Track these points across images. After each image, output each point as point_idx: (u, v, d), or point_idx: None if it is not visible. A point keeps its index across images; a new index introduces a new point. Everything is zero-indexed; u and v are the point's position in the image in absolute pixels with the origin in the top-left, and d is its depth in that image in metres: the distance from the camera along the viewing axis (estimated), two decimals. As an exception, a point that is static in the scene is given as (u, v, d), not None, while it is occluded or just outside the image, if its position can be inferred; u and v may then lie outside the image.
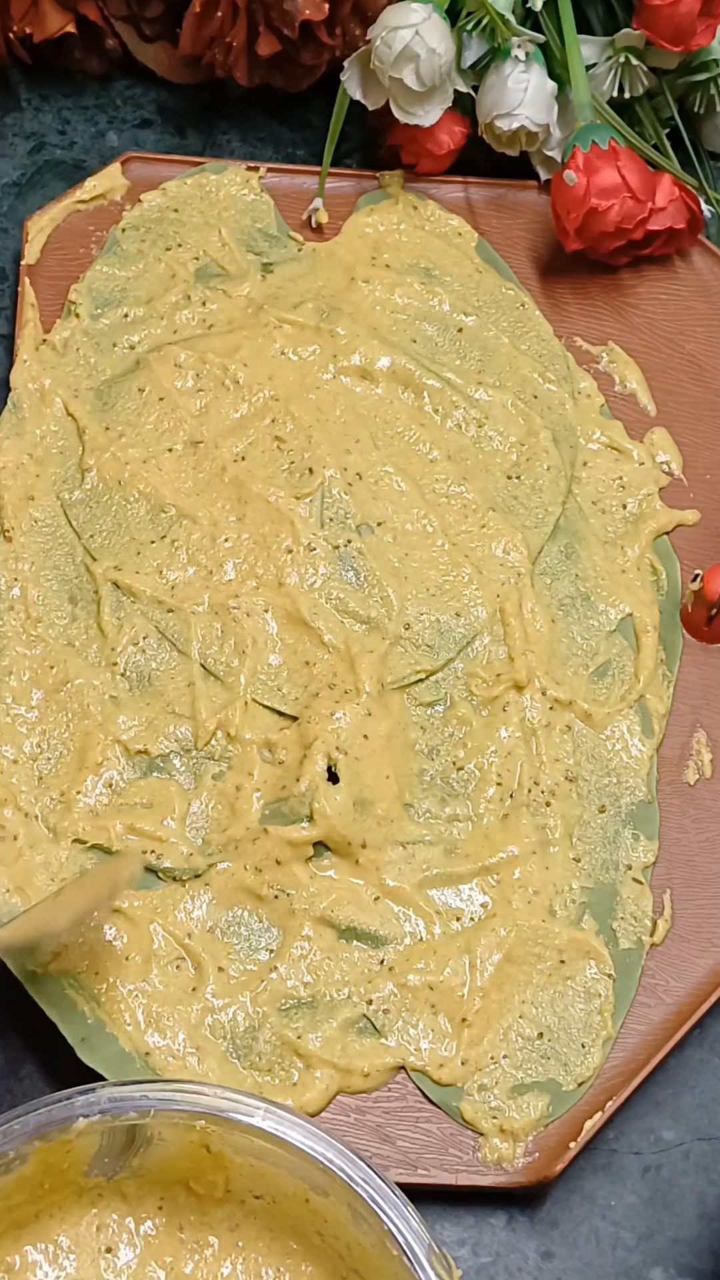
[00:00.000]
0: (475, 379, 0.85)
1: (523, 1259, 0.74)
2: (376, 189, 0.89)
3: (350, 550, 0.81)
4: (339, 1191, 0.65)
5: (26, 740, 0.77)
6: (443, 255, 0.88)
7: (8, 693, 0.77)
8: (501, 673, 0.79)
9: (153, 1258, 0.68)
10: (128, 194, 0.88)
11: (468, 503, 0.83)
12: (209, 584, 0.80)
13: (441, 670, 0.80)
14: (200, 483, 0.82)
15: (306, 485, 0.82)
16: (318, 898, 0.75)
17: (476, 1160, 0.73)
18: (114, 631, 0.79)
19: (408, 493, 0.82)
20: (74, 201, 0.87)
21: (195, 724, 0.77)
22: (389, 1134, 0.73)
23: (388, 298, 0.86)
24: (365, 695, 0.78)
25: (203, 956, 0.74)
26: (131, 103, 0.94)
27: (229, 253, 0.87)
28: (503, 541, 0.82)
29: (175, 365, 0.83)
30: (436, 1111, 0.73)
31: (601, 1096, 0.74)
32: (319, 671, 0.78)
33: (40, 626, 0.79)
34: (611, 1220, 0.75)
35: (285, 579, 0.80)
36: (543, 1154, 0.73)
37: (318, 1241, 0.68)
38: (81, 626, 0.79)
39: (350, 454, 0.82)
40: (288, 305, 0.85)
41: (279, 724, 0.78)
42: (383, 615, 0.80)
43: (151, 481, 0.81)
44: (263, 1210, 0.68)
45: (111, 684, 0.78)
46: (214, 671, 0.78)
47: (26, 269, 0.86)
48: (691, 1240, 0.75)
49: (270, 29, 0.87)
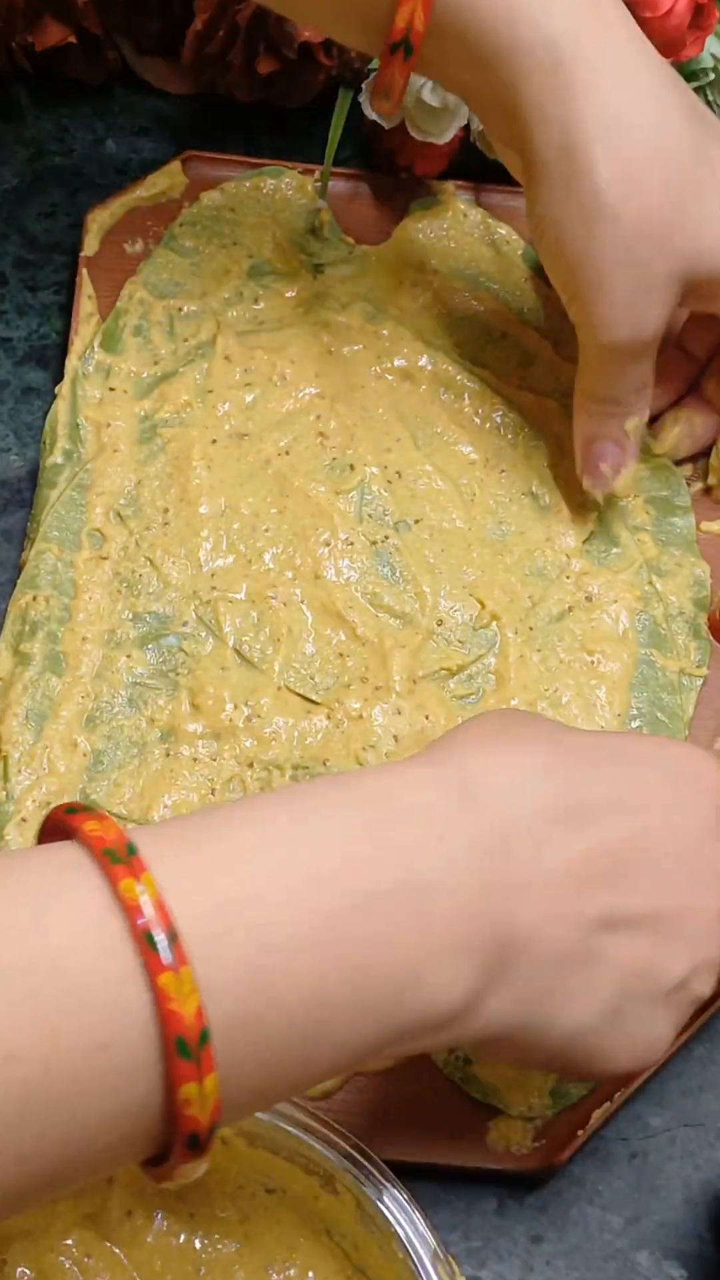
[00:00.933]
0: (516, 382, 0.87)
1: (512, 1243, 0.75)
2: (428, 195, 0.90)
3: (387, 546, 0.82)
4: (349, 1190, 0.65)
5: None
6: (490, 262, 0.89)
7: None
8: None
9: (164, 1237, 0.69)
10: (186, 192, 0.89)
11: (503, 504, 0.84)
12: (248, 572, 0.81)
13: (473, 665, 0.81)
14: (244, 474, 0.83)
15: (347, 481, 0.83)
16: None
17: (485, 1143, 0.74)
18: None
19: (446, 491, 0.84)
20: (134, 197, 0.88)
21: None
22: (401, 1114, 0.74)
23: (434, 301, 0.87)
24: (395, 694, 0.79)
25: None
26: (130, 111, 0.95)
27: (281, 253, 0.88)
28: (538, 542, 0.83)
29: (225, 359, 0.85)
30: (448, 1094, 0.74)
31: (609, 1087, 0.75)
32: (352, 664, 0.80)
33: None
34: (599, 1205, 0.76)
35: (322, 571, 0.81)
36: (550, 1140, 0.74)
37: (325, 1238, 0.68)
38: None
39: (391, 452, 0.84)
40: (337, 305, 0.86)
41: (306, 709, 0.79)
42: (416, 611, 0.81)
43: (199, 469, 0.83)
44: (274, 1204, 0.68)
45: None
46: (249, 658, 0.80)
47: (85, 260, 0.87)
48: (677, 1224, 0.76)
49: (270, 49, 0.89)
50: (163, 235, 0.88)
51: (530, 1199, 0.76)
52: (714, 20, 0.86)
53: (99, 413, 0.84)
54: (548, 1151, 0.74)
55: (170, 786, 0.77)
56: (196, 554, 0.82)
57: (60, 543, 0.81)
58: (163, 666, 0.80)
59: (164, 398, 0.84)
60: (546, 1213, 0.76)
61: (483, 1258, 0.75)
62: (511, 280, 0.89)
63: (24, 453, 0.86)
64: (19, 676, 0.79)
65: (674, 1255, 0.75)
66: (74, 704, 0.78)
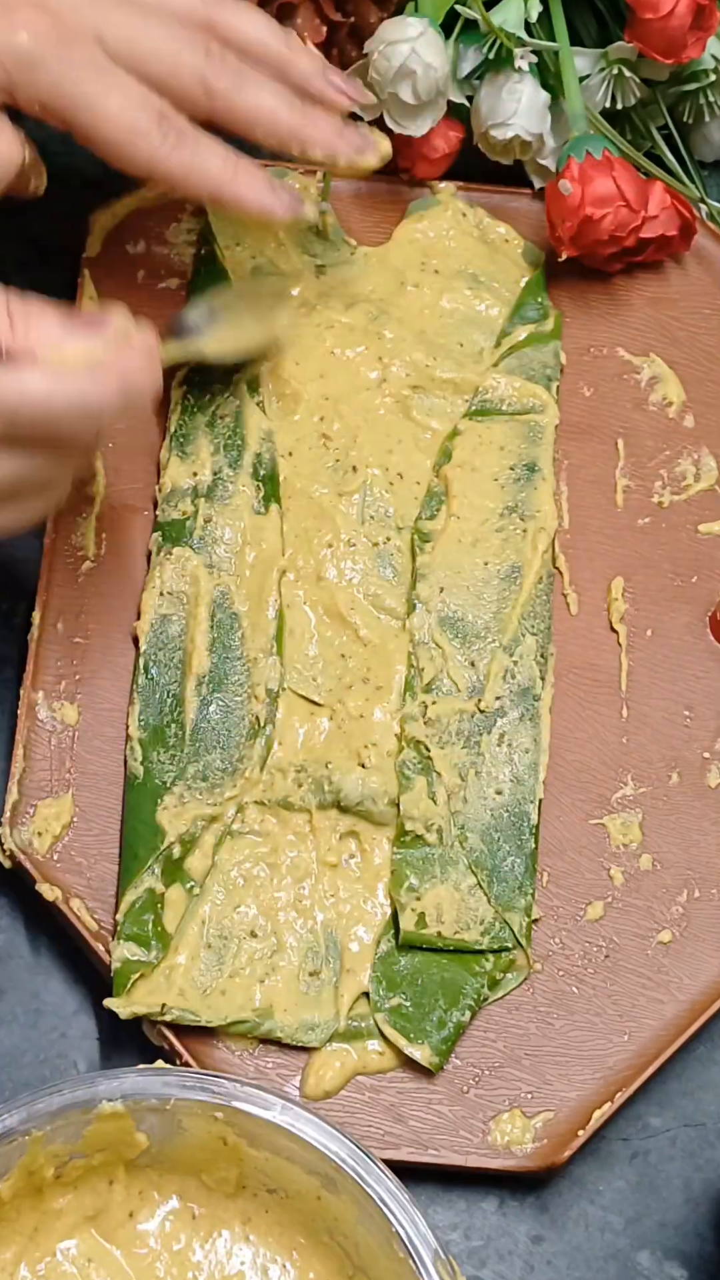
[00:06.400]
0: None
1: (513, 1243, 0.76)
2: (429, 196, 0.90)
3: (389, 548, 0.83)
4: (350, 1190, 0.65)
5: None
6: (490, 261, 0.89)
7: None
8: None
9: (166, 1240, 0.69)
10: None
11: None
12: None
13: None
14: (248, 475, 0.84)
15: (350, 483, 0.83)
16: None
17: (486, 1143, 0.74)
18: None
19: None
20: (136, 198, 0.88)
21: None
22: (402, 1114, 0.75)
23: (435, 302, 0.87)
24: (395, 695, 0.80)
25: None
26: None
27: (285, 253, 0.88)
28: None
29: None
30: (448, 1094, 0.75)
31: (611, 1087, 0.75)
32: (353, 665, 0.80)
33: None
34: (600, 1205, 0.76)
35: (324, 573, 0.82)
36: (551, 1140, 0.74)
37: (326, 1239, 0.68)
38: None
39: (393, 454, 0.84)
40: (340, 307, 0.86)
41: (309, 710, 0.79)
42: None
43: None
44: (275, 1204, 0.69)
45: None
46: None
47: (87, 261, 0.87)
48: (678, 1224, 0.76)
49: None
50: (164, 236, 0.88)
51: (531, 1199, 0.76)
52: (715, 22, 0.86)
53: None
54: (549, 1151, 0.74)
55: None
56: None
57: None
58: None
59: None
60: (547, 1213, 0.76)
61: (483, 1257, 0.75)
62: (511, 280, 0.89)
63: (26, 452, 0.86)
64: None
65: (675, 1255, 0.76)
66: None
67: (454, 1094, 0.75)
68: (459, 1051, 0.76)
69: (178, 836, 0.76)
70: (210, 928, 0.76)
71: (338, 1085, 0.75)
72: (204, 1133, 0.67)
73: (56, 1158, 0.67)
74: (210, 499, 0.82)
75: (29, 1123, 0.65)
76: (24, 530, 0.73)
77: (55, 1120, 0.65)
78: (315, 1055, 0.75)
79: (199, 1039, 0.75)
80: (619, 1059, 0.76)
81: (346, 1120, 0.74)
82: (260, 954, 0.75)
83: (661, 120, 0.91)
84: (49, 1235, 0.69)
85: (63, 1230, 0.69)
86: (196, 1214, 0.69)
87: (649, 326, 0.89)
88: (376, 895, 0.77)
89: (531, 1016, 0.77)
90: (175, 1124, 0.67)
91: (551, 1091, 0.75)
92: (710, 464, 0.87)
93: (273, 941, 0.76)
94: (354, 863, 0.78)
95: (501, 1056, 0.76)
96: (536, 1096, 0.75)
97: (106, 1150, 0.68)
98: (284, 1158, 0.67)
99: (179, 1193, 0.69)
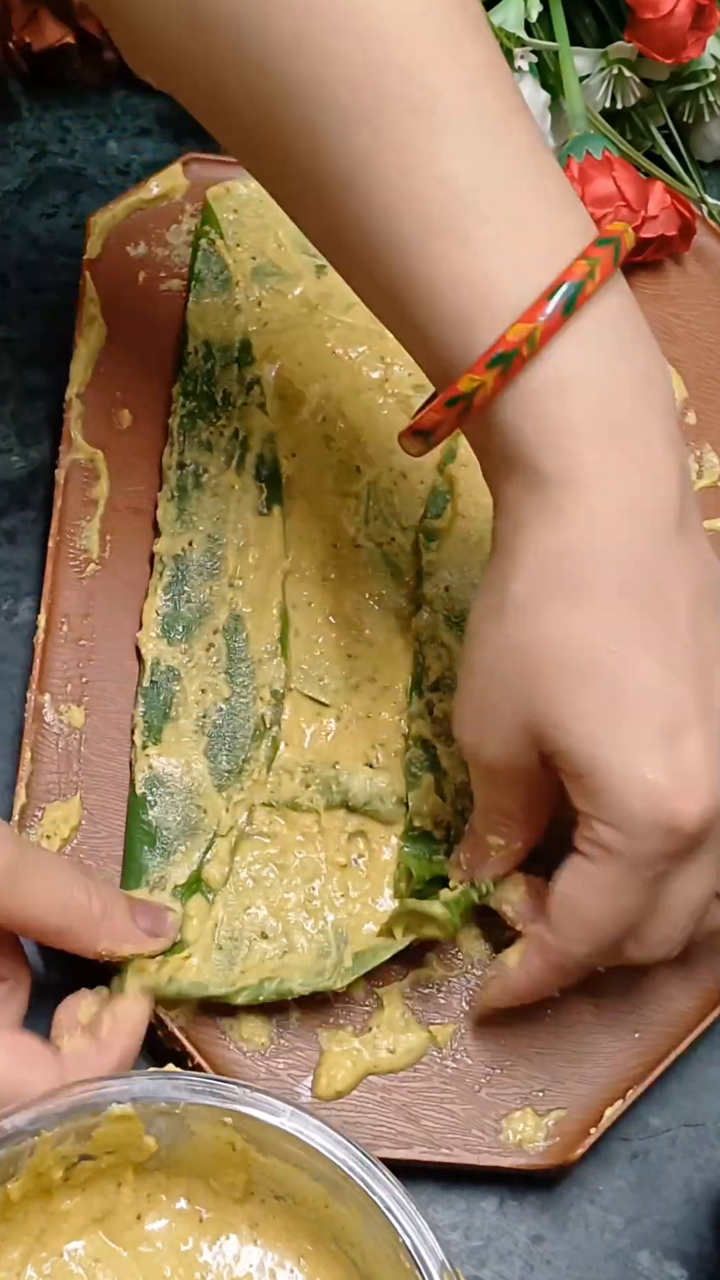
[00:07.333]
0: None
1: (513, 1242, 0.75)
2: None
3: (393, 548, 0.83)
4: (356, 1199, 0.65)
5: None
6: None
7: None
8: None
9: (173, 1242, 0.69)
10: (188, 194, 0.89)
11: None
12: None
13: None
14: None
15: (353, 483, 0.83)
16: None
17: (498, 1142, 0.74)
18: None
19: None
20: (136, 199, 0.88)
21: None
22: (414, 1113, 0.75)
23: (437, 301, 0.87)
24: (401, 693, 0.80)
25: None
26: (131, 112, 0.95)
27: (285, 254, 0.88)
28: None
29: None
30: (460, 1093, 0.75)
31: (623, 1085, 0.75)
32: (359, 665, 0.80)
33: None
34: (600, 1205, 0.76)
35: (328, 574, 0.82)
36: (563, 1139, 0.74)
37: (333, 1247, 0.68)
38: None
39: (395, 453, 0.84)
40: (341, 306, 0.86)
41: (316, 711, 0.80)
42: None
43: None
44: (283, 1211, 0.69)
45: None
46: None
47: (88, 263, 0.87)
48: (678, 1224, 0.76)
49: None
50: (165, 238, 0.88)
51: (531, 1199, 0.76)
52: (715, 22, 0.86)
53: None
54: (561, 1150, 0.74)
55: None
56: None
57: None
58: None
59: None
60: (547, 1212, 0.76)
61: (483, 1257, 0.75)
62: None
63: (25, 453, 0.86)
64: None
65: (675, 1255, 0.76)
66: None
67: (466, 1093, 0.75)
68: (470, 1050, 0.76)
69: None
70: (221, 930, 0.75)
71: (349, 1085, 0.75)
72: (213, 1137, 0.67)
73: (65, 1159, 0.67)
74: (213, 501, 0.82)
75: (38, 1124, 0.65)
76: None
77: (64, 1122, 0.65)
78: (326, 1056, 0.75)
79: (210, 1039, 0.75)
80: (630, 1055, 0.76)
81: (359, 1120, 0.74)
82: (271, 955, 0.75)
83: (661, 120, 0.92)
84: (56, 1236, 0.68)
85: (70, 1231, 0.69)
86: (204, 1217, 0.69)
87: (650, 324, 0.88)
88: (385, 894, 0.77)
89: (542, 1014, 0.77)
90: (184, 1128, 0.67)
91: (564, 1089, 0.75)
92: (713, 461, 0.87)
93: (284, 942, 0.76)
94: (362, 862, 0.78)
95: (513, 1055, 0.76)
96: (549, 1094, 0.75)
97: (115, 1153, 0.67)
98: (292, 1164, 0.67)
99: (187, 1196, 0.69)
